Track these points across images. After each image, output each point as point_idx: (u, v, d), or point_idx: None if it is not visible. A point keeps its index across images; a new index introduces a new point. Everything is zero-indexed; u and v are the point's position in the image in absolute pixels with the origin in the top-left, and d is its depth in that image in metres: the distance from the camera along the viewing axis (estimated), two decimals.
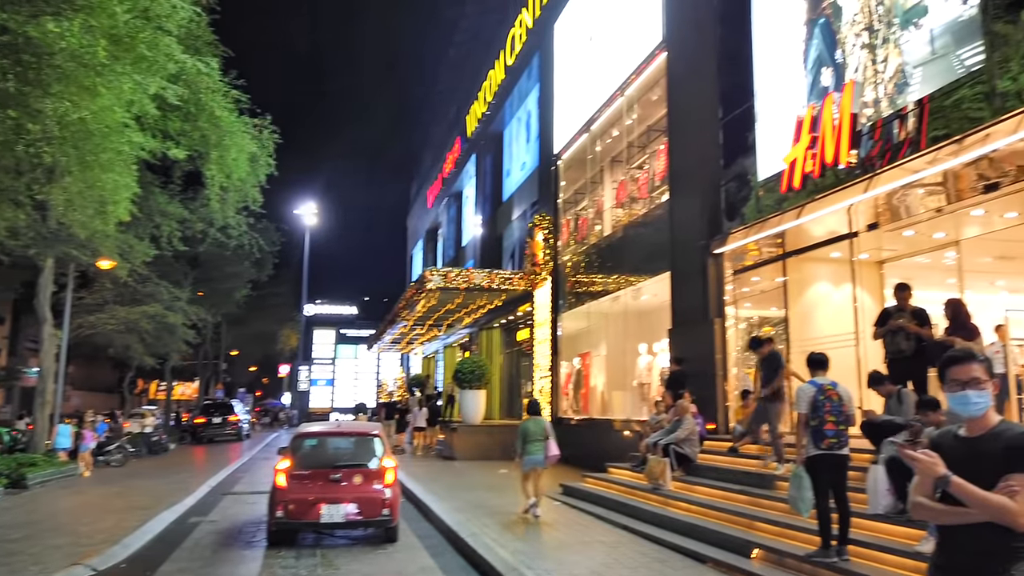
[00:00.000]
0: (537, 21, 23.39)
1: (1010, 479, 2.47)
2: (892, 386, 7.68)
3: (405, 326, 29.04)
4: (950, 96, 8.27)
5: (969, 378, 2.68)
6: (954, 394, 2.70)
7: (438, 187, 39.93)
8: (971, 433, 2.68)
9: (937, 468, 2.56)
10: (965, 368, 2.70)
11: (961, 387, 2.68)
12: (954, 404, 2.71)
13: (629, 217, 17.20)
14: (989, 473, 2.51)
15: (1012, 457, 2.51)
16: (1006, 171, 8.34)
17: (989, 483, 2.49)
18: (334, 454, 9.42)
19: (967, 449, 2.64)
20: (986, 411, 2.66)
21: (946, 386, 2.74)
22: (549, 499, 11.99)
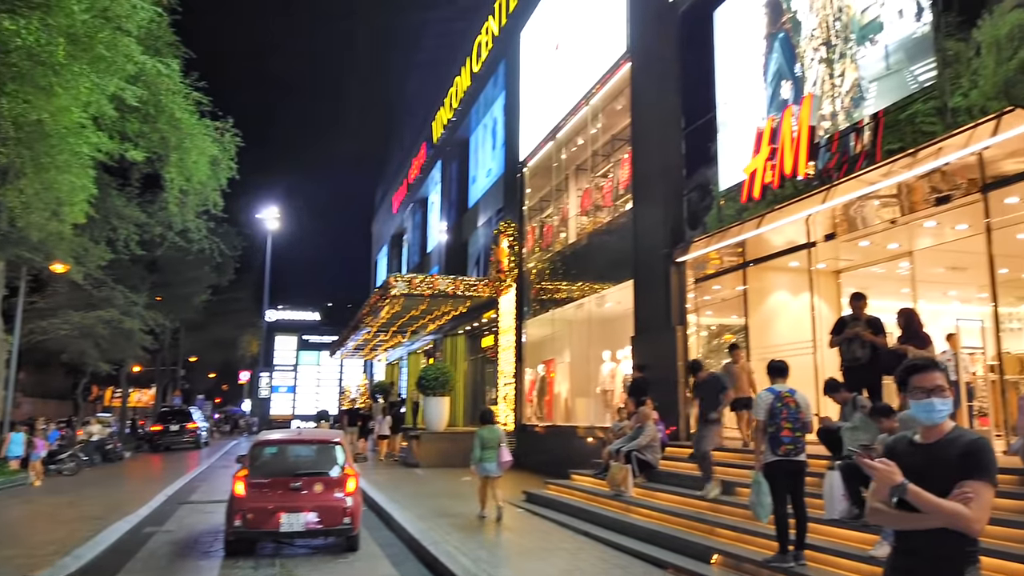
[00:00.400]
0: (503, 29, 23.48)
1: (964, 486, 2.52)
2: (848, 393, 7.85)
3: (369, 332, 28.82)
4: (904, 110, 8.51)
5: (933, 386, 2.72)
6: (919, 401, 2.73)
7: (403, 192, 39.78)
8: (926, 439, 2.73)
9: (894, 476, 2.58)
10: (929, 376, 2.75)
11: (926, 395, 2.71)
12: (918, 411, 2.73)
13: (594, 225, 17.33)
14: (943, 479, 2.56)
15: (966, 464, 2.56)
16: (958, 184, 8.61)
17: (943, 488, 2.54)
18: (294, 462, 9.29)
19: (922, 455, 2.69)
20: (945, 419, 2.72)
21: (910, 393, 2.77)
22: (512, 506, 11.98)
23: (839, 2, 9.60)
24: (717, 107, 12.25)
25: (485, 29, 25.23)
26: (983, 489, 2.52)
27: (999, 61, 7.40)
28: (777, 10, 10.87)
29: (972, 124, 7.52)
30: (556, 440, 17.20)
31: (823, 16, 9.90)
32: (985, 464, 2.57)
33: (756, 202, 10.72)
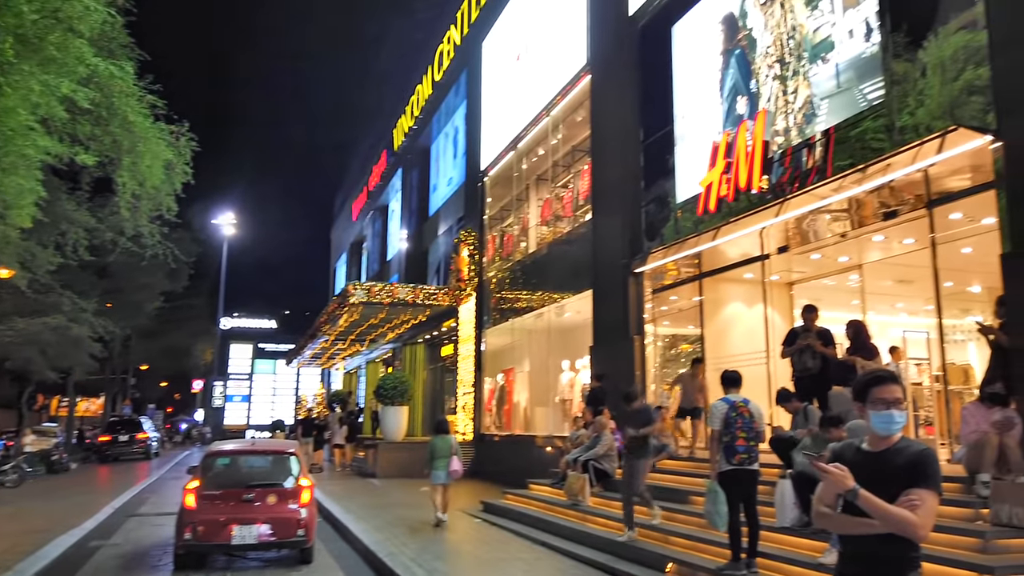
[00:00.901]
0: (465, 38, 23.54)
1: (911, 493, 2.60)
2: (799, 403, 8.01)
3: (326, 341, 28.48)
4: (854, 127, 8.75)
5: (893, 398, 2.78)
6: (879, 413, 2.78)
7: (363, 200, 39.50)
8: (874, 447, 2.80)
9: (847, 481, 2.64)
10: (890, 388, 2.81)
11: (887, 406, 2.77)
12: (877, 422, 2.78)
13: (554, 235, 17.42)
14: (890, 486, 2.63)
15: (913, 473, 2.64)
16: (905, 199, 8.88)
17: (889, 495, 2.60)
18: (248, 473, 9.12)
19: (870, 462, 2.75)
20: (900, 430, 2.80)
21: (870, 405, 2.81)
22: (470, 516, 11.94)
23: (793, 21, 9.85)
24: (675, 120, 12.44)
25: (447, 38, 25.26)
26: (929, 497, 2.60)
27: (944, 81, 7.66)
28: (733, 27, 11.10)
29: (918, 142, 7.76)
30: (515, 449, 17.19)
31: (777, 34, 10.14)
32: (931, 473, 2.65)
33: (712, 215, 10.91)
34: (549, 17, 17.58)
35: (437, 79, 26.35)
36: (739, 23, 10.97)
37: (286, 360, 45.68)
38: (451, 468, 10.79)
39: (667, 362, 13.53)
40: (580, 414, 12.61)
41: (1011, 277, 6.75)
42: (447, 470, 10.79)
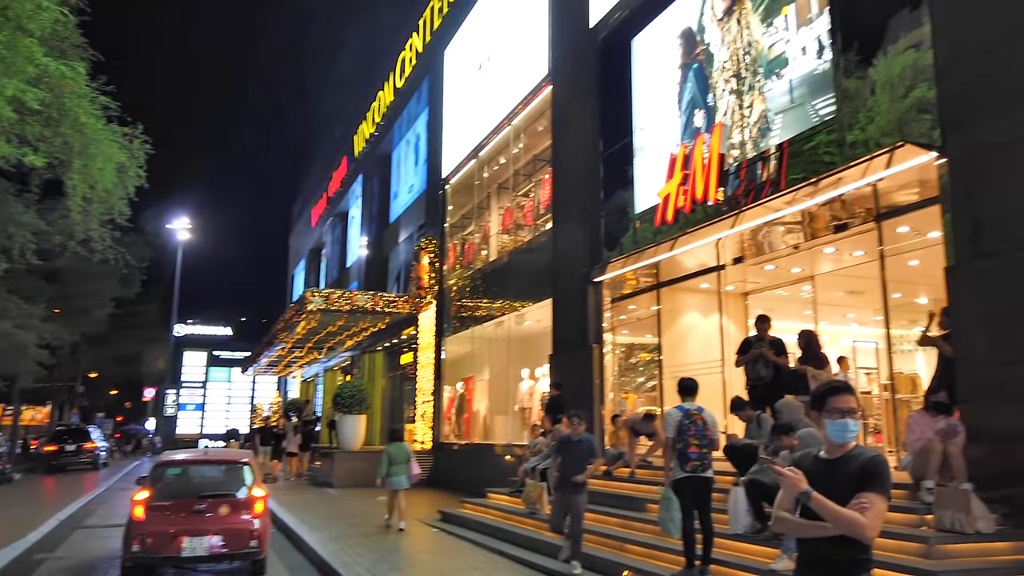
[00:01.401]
0: (427, 46, 23.53)
1: (861, 497, 2.75)
2: (752, 411, 8.15)
3: (283, 348, 28.08)
4: (807, 142, 8.96)
5: (848, 408, 2.94)
6: (835, 421, 2.93)
7: (323, 206, 39.12)
8: (830, 455, 2.96)
9: (800, 484, 2.79)
10: (846, 398, 2.96)
11: (842, 415, 2.92)
12: (833, 430, 2.93)
13: (514, 243, 17.47)
14: (843, 491, 2.77)
15: (865, 477, 2.80)
16: (855, 213, 9.12)
17: (843, 499, 2.75)
18: (199, 483, 8.91)
19: (826, 469, 2.90)
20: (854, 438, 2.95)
21: (826, 413, 2.96)
22: (427, 526, 11.85)
23: (749, 37, 10.07)
24: (634, 132, 12.60)
25: (409, 45, 25.22)
26: (878, 500, 2.75)
27: (893, 99, 7.90)
28: (691, 42, 11.29)
29: (868, 157, 7.98)
30: (474, 458, 17.14)
31: (734, 49, 10.35)
32: (880, 478, 2.80)
33: (670, 225, 11.05)
34: (511, 27, 17.67)
35: (399, 86, 26.27)
36: (697, 38, 11.17)
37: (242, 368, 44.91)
38: (411, 472, 11.25)
39: (625, 371, 13.64)
40: (539, 422, 12.63)
41: (954, 289, 6.97)
42: (407, 475, 11.22)
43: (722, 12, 10.64)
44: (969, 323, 6.82)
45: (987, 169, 6.76)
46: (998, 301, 6.54)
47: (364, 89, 30.78)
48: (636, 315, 13.38)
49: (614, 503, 9.53)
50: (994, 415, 6.45)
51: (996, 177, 6.68)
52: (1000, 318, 6.51)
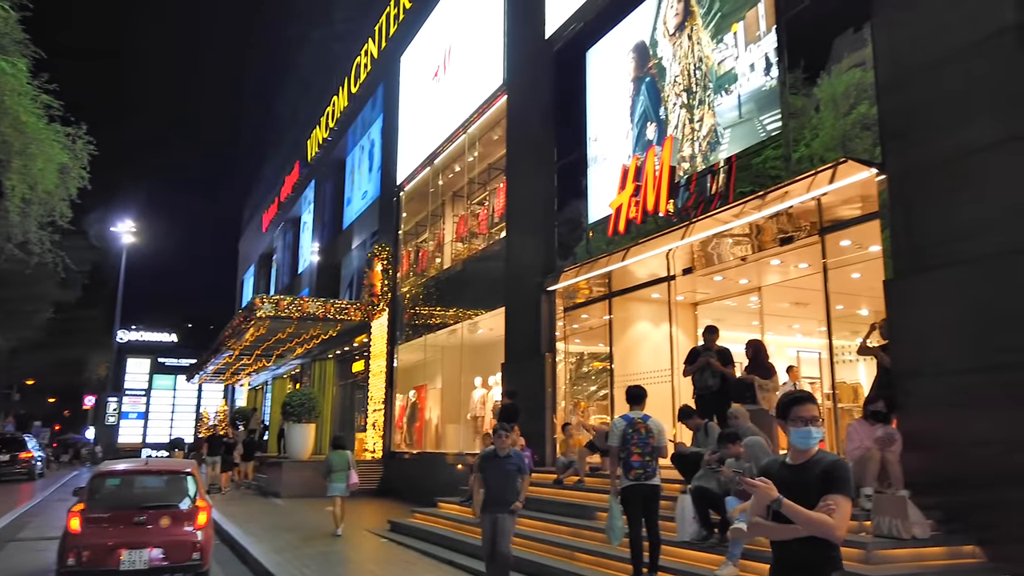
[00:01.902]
0: (383, 52, 23.42)
1: (828, 499, 2.92)
2: (700, 420, 8.27)
3: (231, 356, 27.48)
4: (755, 156, 9.17)
5: (811, 416, 3.12)
6: (799, 429, 3.11)
7: (274, 211, 38.51)
8: (795, 461, 3.13)
9: (771, 492, 2.96)
10: (808, 407, 3.14)
11: (805, 423, 3.10)
12: (797, 438, 3.11)
13: (469, 251, 17.45)
14: (810, 494, 2.95)
15: (829, 481, 2.97)
16: (801, 226, 9.35)
17: (810, 502, 2.92)
18: (140, 494, 8.65)
19: (792, 474, 3.08)
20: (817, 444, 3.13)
21: (790, 422, 3.14)
22: (376, 536, 11.72)
23: (700, 53, 10.27)
24: (588, 143, 12.72)
25: (365, 51, 25.07)
26: (843, 501, 2.93)
27: (837, 116, 8.14)
28: (644, 56, 11.48)
29: (812, 172, 8.21)
30: (425, 467, 17.02)
31: (685, 64, 10.55)
32: (844, 481, 2.99)
33: (622, 236, 11.18)
34: (468, 36, 17.71)
35: (354, 91, 26.08)
36: (650, 52, 11.35)
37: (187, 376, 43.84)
38: (350, 480, 11.66)
39: (577, 379, 13.72)
40: (491, 431, 12.60)
41: (893, 302, 7.20)
42: (346, 483, 11.64)
43: (674, 28, 10.84)
44: (906, 335, 7.05)
45: (924, 186, 7.01)
46: (933, 314, 6.78)
47: (318, 93, 30.46)
48: (588, 324, 13.48)
49: (564, 511, 9.56)
50: (929, 424, 6.67)
51: (932, 194, 6.93)
52: (935, 330, 6.74)
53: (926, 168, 6.99)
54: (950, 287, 6.65)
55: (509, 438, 6.91)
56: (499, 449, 6.86)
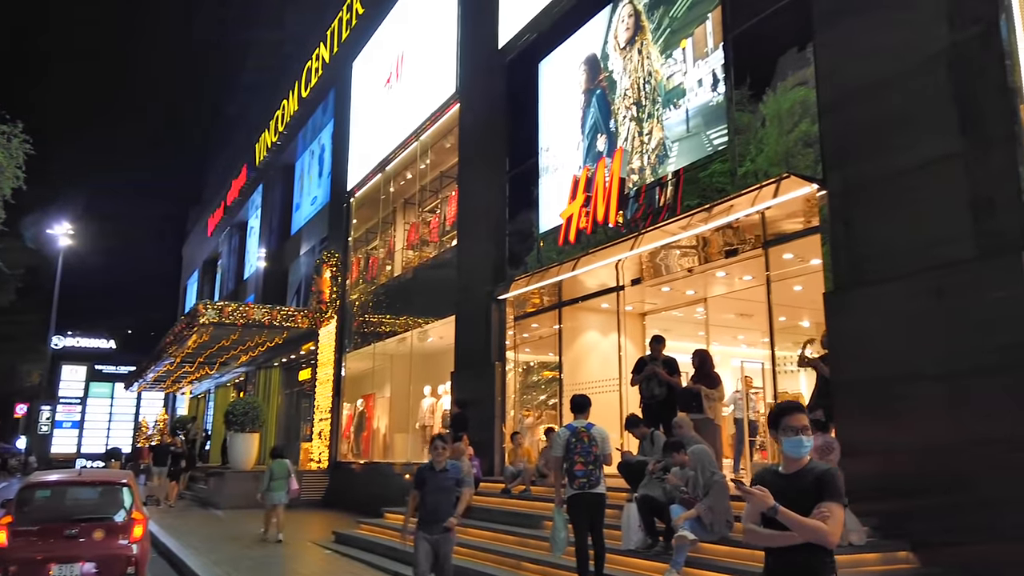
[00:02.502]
0: (335, 57, 23.20)
1: (821, 507, 3.03)
2: (646, 429, 8.36)
3: (172, 363, 26.75)
4: (702, 170, 9.35)
5: (801, 426, 3.20)
6: (789, 439, 3.20)
7: (220, 215, 37.69)
8: (788, 470, 3.22)
9: (768, 500, 3.05)
10: (798, 417, 3.22)
11: (795, 433, 3.19)
12: (789, 447, 3.21)
13: (419, 259, 17.36)
14: (803, 502, 3.04)
15: (822, 488, 3.07)
16: (746, 239, 9.57)
17: (803, 510, 3.02)
18: (72, 506, 8.32)
19: (785, 483, 3.15)
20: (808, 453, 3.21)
21: (781, 432, 3.22)
22: (320, 548, 11.51)
23: (649, 67, 10.45)
24: (540, 153, 12.80)
25: (316, 55, 24.80)
26: (836, 508, 3.04)
27: (781, 132, 8.36)
28: (595, 68, 11.62)
29: (756, 186, 8.41)
30: (373, 477, 16.80)
31: (635, 78, 10.71)
32: (835, 488, 3.08)
33: (572, 246, 11.26)
34: (421, 43, 17.67)
35: (304, 95, 25.75)
36: (601, 65, 11.50)
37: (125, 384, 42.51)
38: (290, 488, 11.98)
39: (527, 388, 13.74)
40: None
41: (832, 314, 7.41)
42: (286, 491, 11.94)
43: (625, 42, 11.01)
44: (844, 346, 7.26)
45: (862, 202, 7.25)
46: (869, 326, 7.00)
47: (267, 97, 30.00)
48: (538, 333, 13.52)
49: (511, 520, 9.55)
50: (865, 433, 6.87)
51: (869, 210, 7.17)
52: (870, 342, 6.96)
53: (864, 185, 7.23)
54: (885, 301, 6.87)
55: (447, 450, 6.44)
56: (436, 462, 6.36)
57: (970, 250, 6.25)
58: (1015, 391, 5.78)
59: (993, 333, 5.97)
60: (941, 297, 6.39)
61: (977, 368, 6.04)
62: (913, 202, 6.76)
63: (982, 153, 6.26)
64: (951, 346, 6.28)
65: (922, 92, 6.80)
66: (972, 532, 5.95)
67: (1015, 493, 5.69)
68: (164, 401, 44.24)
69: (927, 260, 6.54)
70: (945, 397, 6.25)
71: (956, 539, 6.06)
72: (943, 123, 6.60)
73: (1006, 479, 5.76)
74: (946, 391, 6.25)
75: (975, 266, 6.18)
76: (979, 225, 6.23)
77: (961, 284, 6.25)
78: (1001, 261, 5.98)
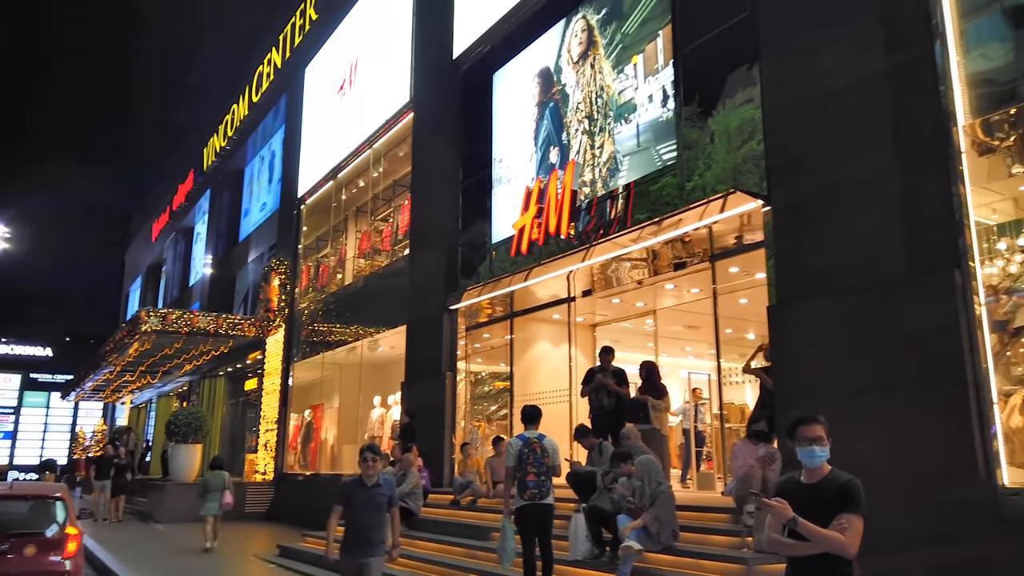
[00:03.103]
0: (287, 62, 22.92)
1: (841, 518, 3.09)
2: (595, 439, 8.42)
3: (112, 372, 25.92)
4: (652, 184, 9.50)
5: (815, 436, 3.25)
6: (803, 448, 3.26)
7: (165, 220, 36.76)
8: (809, 480, 3.28)
9: (786, 511, 3.12)
10: (812, 427, 3.28)
11: (809, 443, 3.25)
12: (803, 456, 3.28)
13: (371, 268, 17.20)
14: (825, 512, 3.11)
15: (842, 499, 3.14)
16: (694, 252, 9.75)
17: (825, 520, 3.09)
18: (2, 521, 7.96)
19: (807, 493, 3.22)
20: (824, 462, 3.27)
21: (796, 442, 3.28)
22: (263, 562, 11.27)
23: (601, 81, 10.59)
24: (493, 164, 12.84)
25: (268, 60, 24.46)
26: (855, 520, 3.10)
27: (729, 149, 8.55)
28: (548, 81, 11.73)
29: (704, 201, 8.58)
30: (320, 489, 16.49)
31: (587, 92, 10.85)
32: (855, 499, 3.14)
33: (524, 256, 11.31)
34: (375, 51, 17.59)
35: (255, 100, 25.36)
36: (554, 78, 11.61)
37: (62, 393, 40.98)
38: (224, 501, 12.14)
39: (478, 399, 13.71)
40: (389, 451, 12.40)
41: (775, 326, 7.59)
42: (220, 502, 12.13)
43: (578, 56, 11.14)
44: (787, 358, 7.44)
45: (804, 219, 7.44)
46: (810, 339, 7.18)
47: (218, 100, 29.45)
48: (490, 344, 13.52)
49: (459, 532, 9.50)
50: None
51: (811, 226, 7.36)
52: (812, 355, 7.14)
53: (806, 202, 7.42)
54: (825, 315, 7.06)
55: (378, 463, 5.70)
56: (366, 476, 5.63)
57: (905, 267, 6.47)
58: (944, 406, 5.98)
59: (927, 348, 6.17)
60: (877, 312, 6.59)
61: (910, 382, 6.23)
62: (852, 219, 6.97)
63: (918, 174, 6.50)
64: (885, 361, 6.46)
65: (861, 114, 7.03)
66: (879, 543, 6.12)
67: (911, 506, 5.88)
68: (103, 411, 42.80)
69: (864, 276, 6.73)
70: (878, 411, 6.42)
71: (872, 549, 6.22)
72: (881, 144, 6.83)
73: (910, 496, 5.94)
74: (879, 405, 6.41)
75: (910, 282, 6.39)
76: (914, 243, 6.46)
77: (897, 300, 6.46)
78: (934, 278, 6.20)
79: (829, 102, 7.33)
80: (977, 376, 5.85)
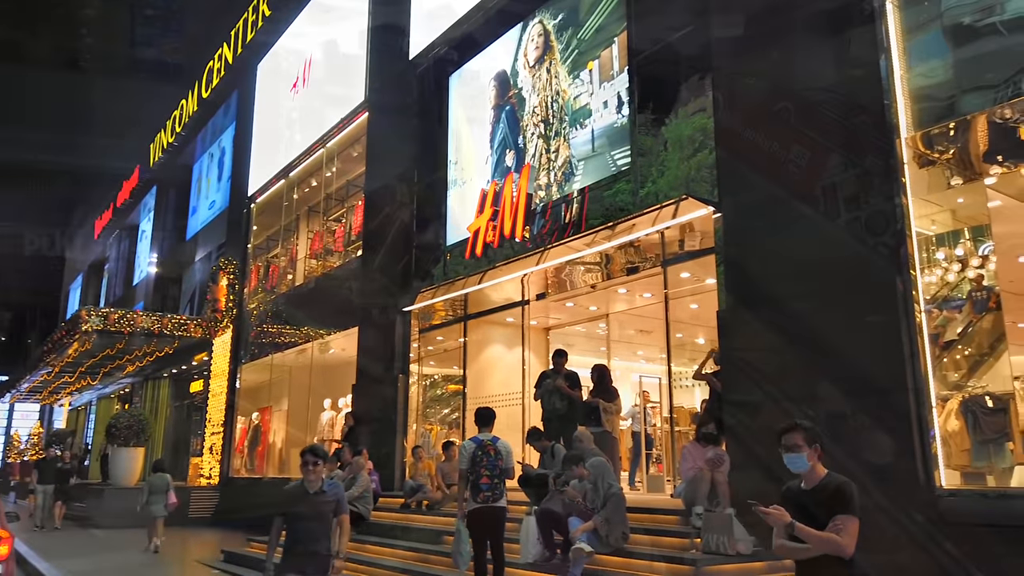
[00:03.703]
0: (238, 58, 22.47)
1: (836, 520, 3.23)
2: (547, 442, 8.44)
3: (50, 373, 25.02)
4: (607, 189, 9.59)
5: (792, 443, 3.44)
6: (784, 455, 3.47)
7: (108, 217, 35.67)
8: (807, 485, 3.44)
9: (784, 517, 3.26)
10: (790, 435, 3.47)
11: (787, 450, 3.45)
12: (786, 462, 3.47)
13: (323, 269, 16.96)
14: (823, 514, 3.26)
15: (837, 502, 3.28)
16: (647, 257, 9.86)
17: (824, 522, 3.23)
18: None
19: (806, 497, 3.39)
20: (811, 467, 3.42)
21: (781, 449, 3.47)
22: (208, 568, 11.00)
23: (557, 86, 10.66)
24: (449, 165, 12.80)
25: (219, 55, 23.95)
26: (850, 521, 3.23)
27: (682, 157, 8.68)
28: (505, 84, 11.75)
29: (657, 207, 8.69)
30: (267, 494, 16.15)
31: (543, 96, 10.90)
32: (848, 502, 3.28)
33: (479, 259, 11.29)
34: (330, 49, 17.38)
35: (204, 96, 24.80)
36: (510, 82, 11.63)
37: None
38: (168, 501, 12.36)
39: (431, 402, 13.63)
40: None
41: (725, 331, 7.72)
42: (165, 504, 12.31)
43: (534, 60, 11.19)
44: (735, 363, 7.57)
45: (751, 227, 7.58)
46: (757, 344, 7.31)
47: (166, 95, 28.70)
48: (443, 346, 13.45)
49: (410, 536, 9.42)
50: (753, 446, 7.16)
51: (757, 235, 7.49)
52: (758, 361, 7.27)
53: (755, 210, 7.57)
54: (769, 322, 7.20)
55: (320, 467, 5.18)
56: (309, 483, 5.13)
57: (849, 274, 6.64)
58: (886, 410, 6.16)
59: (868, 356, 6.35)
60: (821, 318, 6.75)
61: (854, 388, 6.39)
62: (798, 227, 7.12)
63: (862, 184, 6.69)
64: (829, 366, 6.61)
65: (809, 124, 7.19)
66: None
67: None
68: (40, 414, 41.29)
69: (809, 283, 6.88)
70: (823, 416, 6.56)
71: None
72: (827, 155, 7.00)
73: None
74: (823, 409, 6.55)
75: (853, 289, 6.57)
76: (858, 251, 6.63)
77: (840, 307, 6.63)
78: (877, 286, 6.39)
79: (777, 112, 7.49)
80: (917, 381, 6.04)
